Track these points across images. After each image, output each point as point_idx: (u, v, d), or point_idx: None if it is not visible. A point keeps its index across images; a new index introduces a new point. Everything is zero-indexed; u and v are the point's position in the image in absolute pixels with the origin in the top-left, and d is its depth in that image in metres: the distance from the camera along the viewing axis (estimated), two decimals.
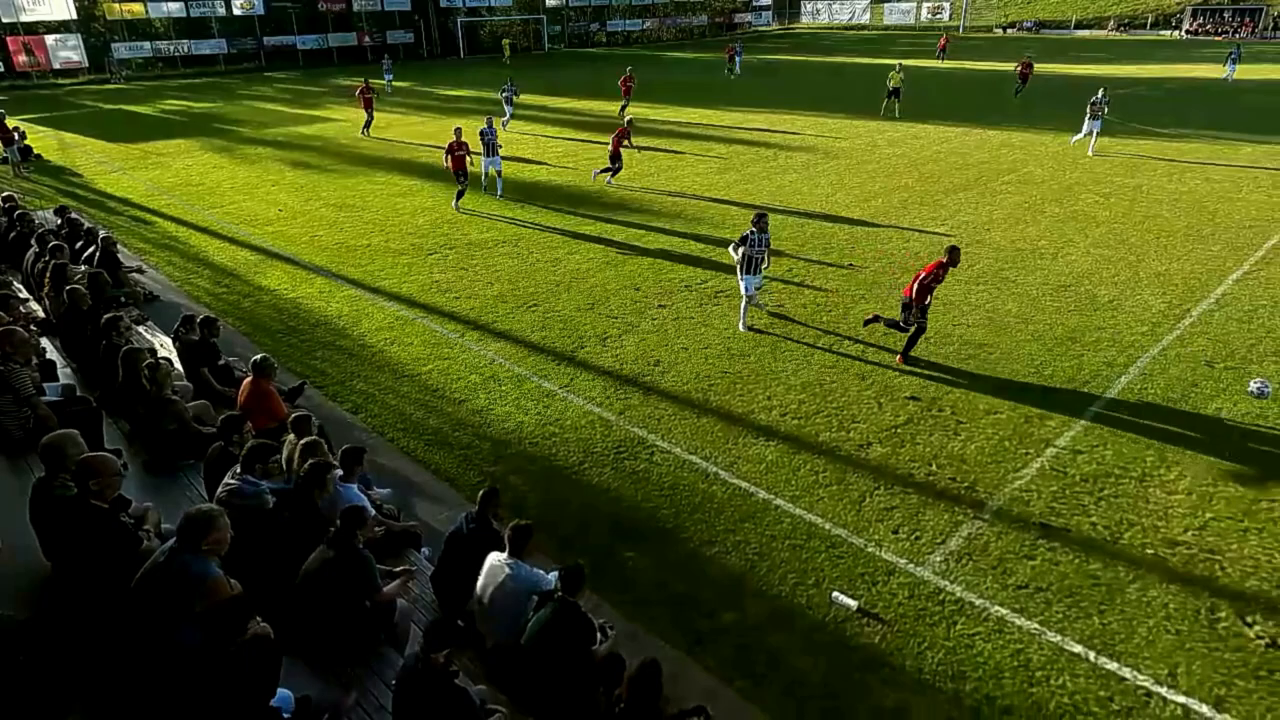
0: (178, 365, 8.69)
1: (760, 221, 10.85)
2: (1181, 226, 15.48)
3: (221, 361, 8.81)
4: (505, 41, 59.03)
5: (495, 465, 8.23)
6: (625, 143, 19.75)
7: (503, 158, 19.18)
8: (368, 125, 27.52)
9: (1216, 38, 60.89)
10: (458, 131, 17.46)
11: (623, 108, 30.07)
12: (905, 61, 29.13)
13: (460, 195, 17.59)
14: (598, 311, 12.00)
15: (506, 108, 27.77)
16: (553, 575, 5.18)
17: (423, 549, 6.41)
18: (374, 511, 6.07)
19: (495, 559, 5.34)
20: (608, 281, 13.18)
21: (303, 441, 6.25)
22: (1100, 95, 21.81)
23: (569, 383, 9.90)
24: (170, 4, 49.34)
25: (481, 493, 5.75)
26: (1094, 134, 22.07)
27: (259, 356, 7.66)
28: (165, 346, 9.51)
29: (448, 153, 17.27)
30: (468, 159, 17.32)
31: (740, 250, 10.87)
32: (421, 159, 23.30)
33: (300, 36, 54.68)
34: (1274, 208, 16.60)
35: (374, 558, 5.22)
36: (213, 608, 4.31)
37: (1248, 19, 62.32)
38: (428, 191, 19.52)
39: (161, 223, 17.26)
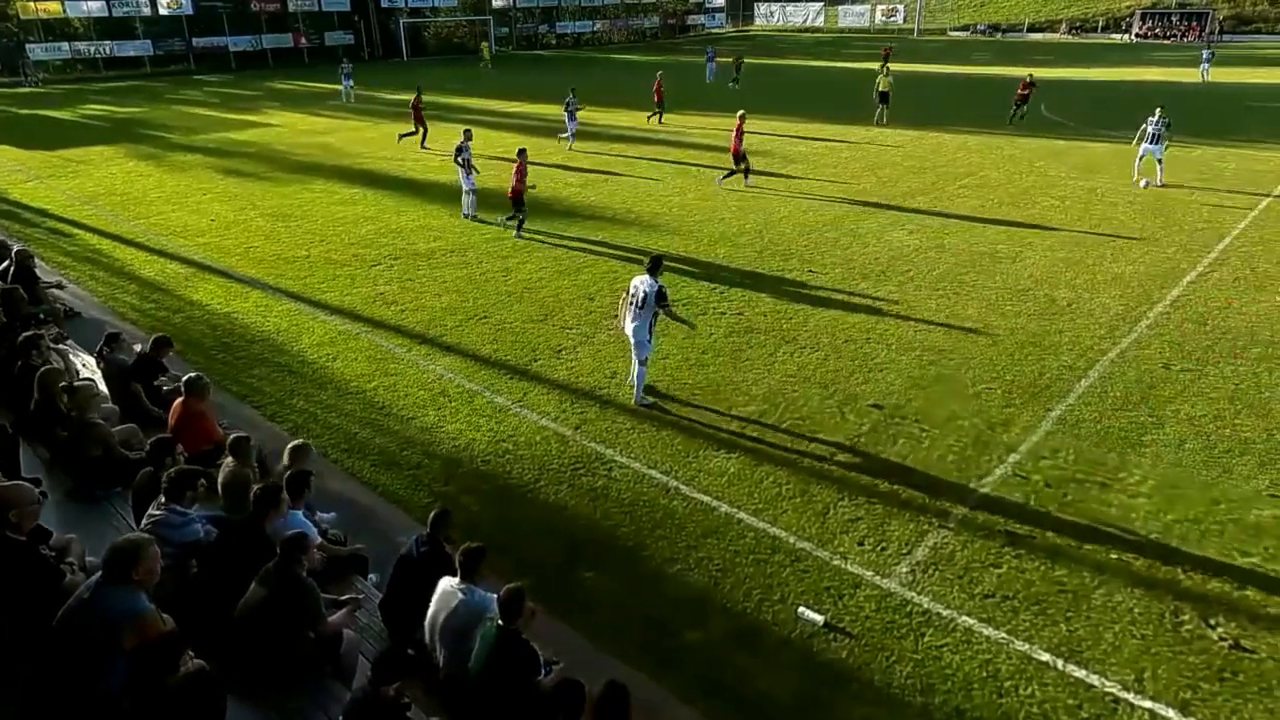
0: (102, 387, 8.42)
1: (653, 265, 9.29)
2: (1137, 229, 16.02)
3: (156, 382, 8.57)
4: (484, 44, 58.65)
5: (446, 485, 8.13)
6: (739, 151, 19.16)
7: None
8: (423, 137, 25.42)
9: (1164, 41, 63.39)
10: (522, 153, 15.87)
11: (656, 115, 29.34)
12: (886, 65, 29.53)
13: (520, 224, 16.05)
14: (551, 323, 11.97)
15: (570, 124, 25.45)
16: None
17: (370, 575, 6.29)
18: (319, 538, 5.95)
19: (447, 584, 5.26)
20: (561, 292, 13.16)
21: (292, 445, 6.40)
22: (1157, 117, 18.72)
23: (522, 397, 9.84)
24: (90, 3, 48.08)
25: (432, 514, 5.67)
26: (1158, 159, 19.00)
27: (191, 375, 7.47)
28: (89, 367, 9.21)
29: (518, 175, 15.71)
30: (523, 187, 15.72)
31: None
32: (363, 166, 23.04)
33: (232, 37, 53.73)
34: (1226, 210, 17.29)
35: (318, 586, 5.11)
36: (143, 645, 4.18)
37: (1194, 23, 65.02)
38: (370, 200, 19.30)
39: (83, 235, 16.76)
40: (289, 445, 6.55)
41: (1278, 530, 7.27)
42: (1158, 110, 18.93)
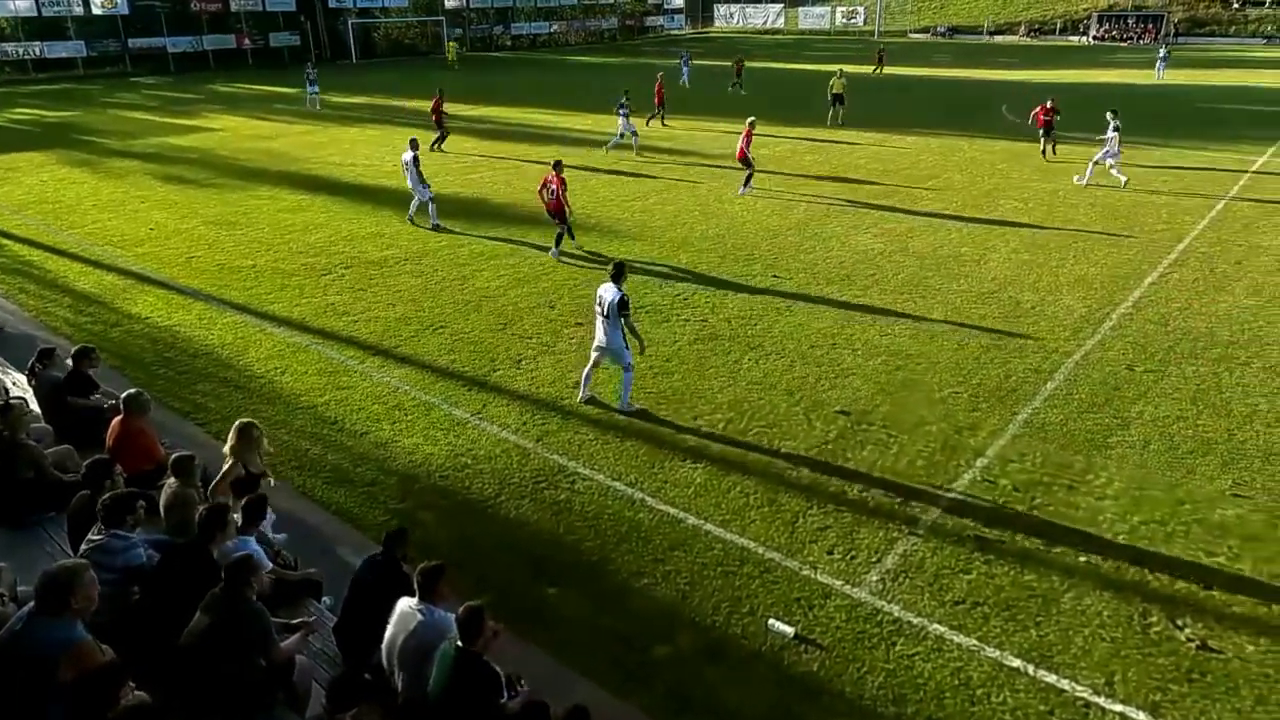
0: (34, 406, 8.19)
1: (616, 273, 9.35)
2: (1098, 230, 16.44)
3: (92, 398, 8.35)
4: (451, 44, 58.53)
5: (402, 502, 8.04)
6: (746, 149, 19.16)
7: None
8: (439, 140, 25.25)
9: (1121, 44, 65.28)
10: (558, 165, 15.11)
11: (658, 117, 28.97)
12: (846, 67, 29.95)
13: (559, 240, 15.25)
14: (510, 332, 11.91)
15: (624, 124, 24.43)
16: None
17: (324, 598, 6.19)
18: (269, 561, 5.84)
19: (405, 605, 5.19)
20: (520, 300, 13.11)
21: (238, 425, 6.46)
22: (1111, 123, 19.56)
23: (481, 409, 9.77)
24: (18, 2, 46.88)
25: (388, 533, 5.60)
26: (1106, 163, 19.88)
27: (131, 392, 7.29)
28: (19, 385, 8.95)
29: (543, 189, 15.14)
30: (566, 201, 15.01)
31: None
32: (312, 171, 22.77)
33: (171, 38, 52.82)
34: (1184, 210, 17.82)
35: (268, 611, 5.01)
36: (80, 677, 4.06)
37: (1150, 25, 67.14)
38: (319, 206, 19.07)
39: (11, 245, 16.31)
40: (235, 425, 6.76)
41: (1241, 530, 7.48)
42: (1108, 115, 19.67)
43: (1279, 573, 6.93)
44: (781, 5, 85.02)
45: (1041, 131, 23.03)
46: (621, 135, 24.61)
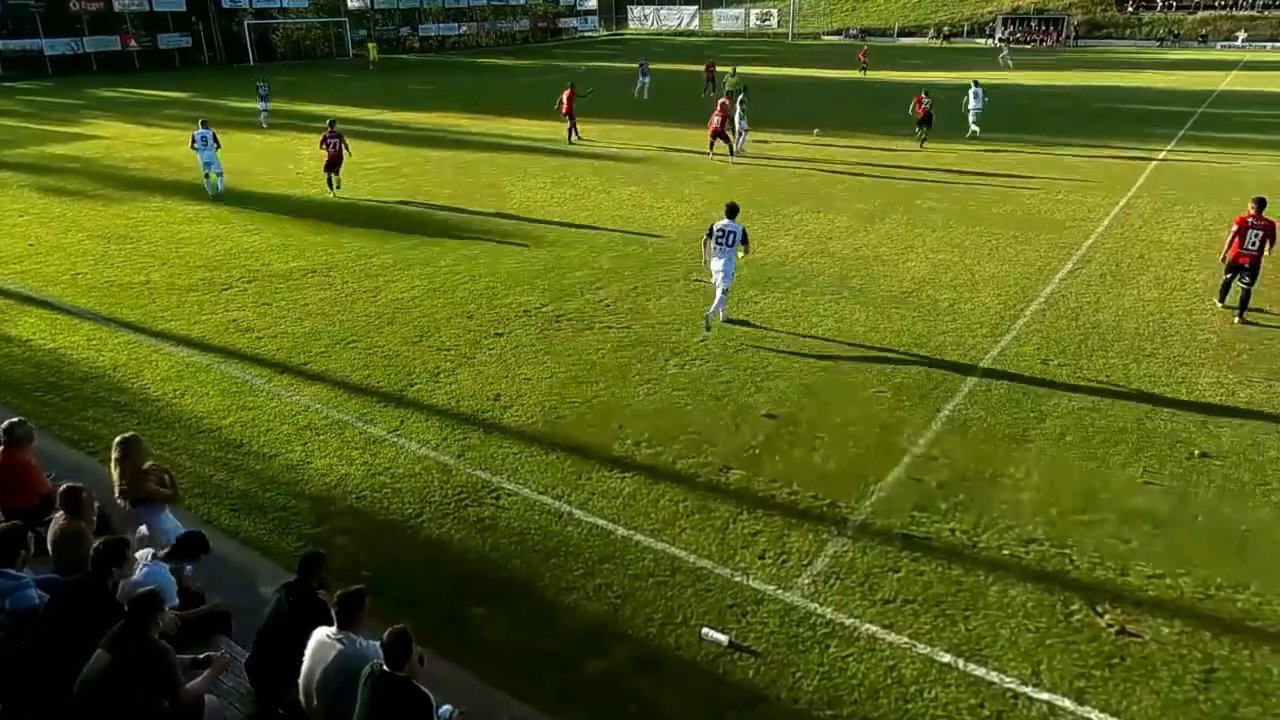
0: None
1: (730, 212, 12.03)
2: (1010, 228, 17.16)
3: None
4: (370, 45, 57.44)
5: (318, 527, 7.82)
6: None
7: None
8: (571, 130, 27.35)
9: (1025, 46, 68.35)
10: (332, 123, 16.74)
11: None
12: (740, 68, 30.55)
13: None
14: (427, 344, 11.73)
15: (740, 123, 24.89)
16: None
17: (233, 632, 5.97)
18: (175, 597, 5.61)
19: (323, 634, 5.05)
20: (436, 310, 12.93)
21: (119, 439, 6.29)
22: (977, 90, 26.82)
23: (399, 426, 9.59)
24: None
25: (301, 559, 5.44)
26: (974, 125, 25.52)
27: (10, 421, 6.91)
28: None
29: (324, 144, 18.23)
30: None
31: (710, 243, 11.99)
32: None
33: (48, 40, 50.32)
34: (1090, 207, 18.76)
35: (173, 649, 4.81)
36: None
37: (1051, 28, 70.59)
38: (218, 217, 18.44)
39: None
40: (116, 439, 6.70)
41: (1153, 516, 7.90)
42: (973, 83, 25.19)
43: (1189, 556, 7.34)
44: (696, 7, 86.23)
45: (919, 120, 25.83)
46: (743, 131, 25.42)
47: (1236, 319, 12.34)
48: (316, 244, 16.39)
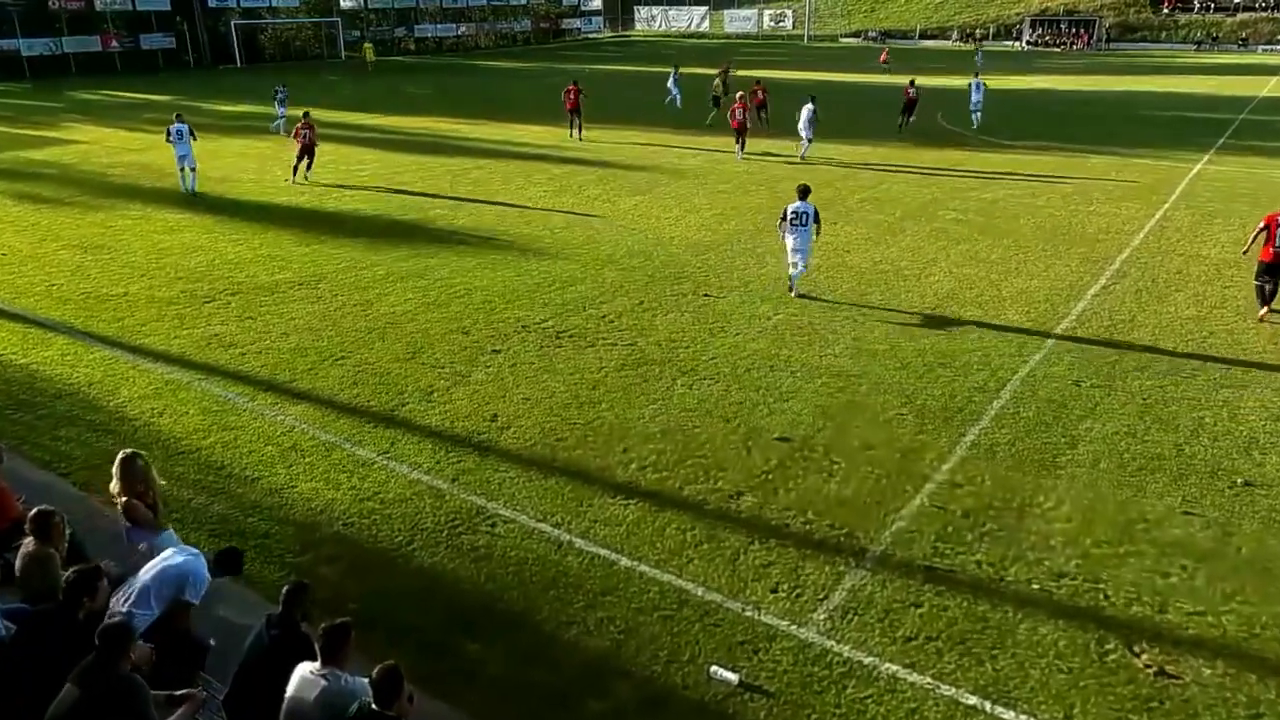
0: None
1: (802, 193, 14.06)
2: (1039, 242, 17.17)
3: None
4: (367, 45, 58.23)
5: (302, 555, 7.81)
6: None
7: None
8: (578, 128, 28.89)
9: (1054, 49, 68.72)
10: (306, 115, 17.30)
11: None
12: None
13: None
14: (420, 361, 11.76)
15: (806, 130, 25.28)
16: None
17: (210, 667, 5.95)
18: (202, 594, 5.66)
19: (304, 670, 5.03)
20: (430, 326, 12.96)
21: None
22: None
23: (389, 448, 9.59)
24: None
25: (285, 589, 5.43)
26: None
27: None
28: None
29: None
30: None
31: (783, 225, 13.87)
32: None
33: (25, 40, 50.85)
34: (1124, 219, 18.77)
35: (146, 684, 4.80)
36: None
37: (1083, 30, 70.93)
38: (200, 226, 18.56)
39: None
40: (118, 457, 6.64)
41: (1194, 549, 7.84)
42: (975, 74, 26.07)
43: (1232, 591, 7.28)
44: (706, 8, 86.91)
45: (902, 108, 29.47)
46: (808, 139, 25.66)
47: (1264, 310, 12.94)
48: (304, 255, 16.48)
